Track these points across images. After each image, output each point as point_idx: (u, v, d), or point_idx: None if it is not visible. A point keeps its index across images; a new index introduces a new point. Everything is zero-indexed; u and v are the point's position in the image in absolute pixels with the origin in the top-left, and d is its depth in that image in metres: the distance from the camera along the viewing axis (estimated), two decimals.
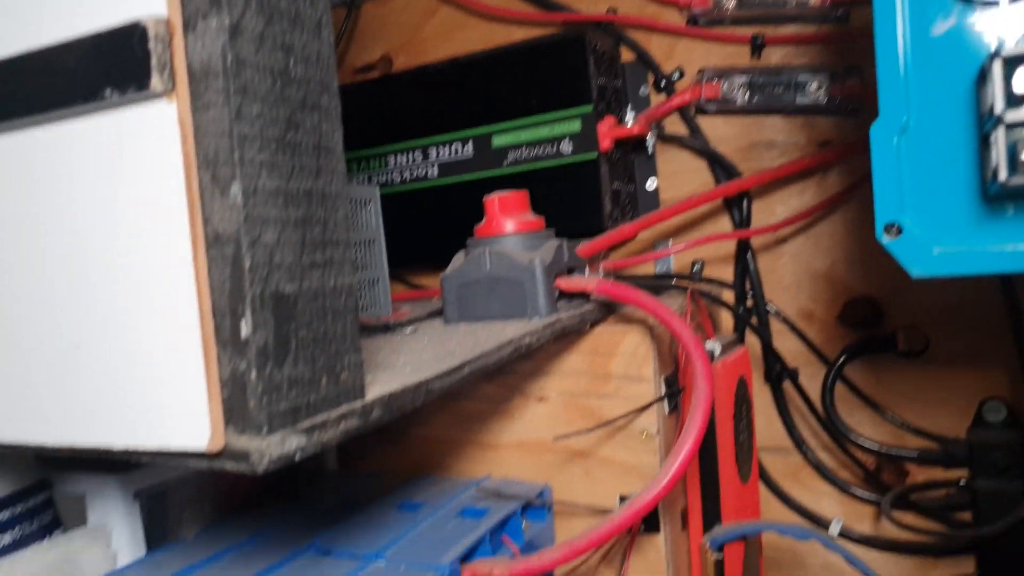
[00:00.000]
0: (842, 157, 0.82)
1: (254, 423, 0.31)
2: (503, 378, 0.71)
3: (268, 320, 0.31)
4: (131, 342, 0.32)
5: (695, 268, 0.89)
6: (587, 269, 0.67)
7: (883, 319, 0.83)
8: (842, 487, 0.85)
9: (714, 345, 0.70)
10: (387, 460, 0.78)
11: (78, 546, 0.55)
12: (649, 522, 0.66)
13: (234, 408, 0.31)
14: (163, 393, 0.31)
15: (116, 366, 0.33)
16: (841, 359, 0.84)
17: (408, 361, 0.46)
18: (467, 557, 0.56)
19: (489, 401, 0.72)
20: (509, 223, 0.62)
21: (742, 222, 0.86)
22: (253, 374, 0.31)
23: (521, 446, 0.71)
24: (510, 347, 0.50)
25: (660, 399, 0.65)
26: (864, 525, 0.85)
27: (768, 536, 0.87)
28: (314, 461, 0.76)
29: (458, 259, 0.63)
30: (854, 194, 0.82)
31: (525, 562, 0.52)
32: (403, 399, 0.38)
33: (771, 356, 0.86)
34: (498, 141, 0.84)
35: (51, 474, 0.59)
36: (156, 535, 0.60)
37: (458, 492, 0.65)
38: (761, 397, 0.88)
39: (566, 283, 0.61)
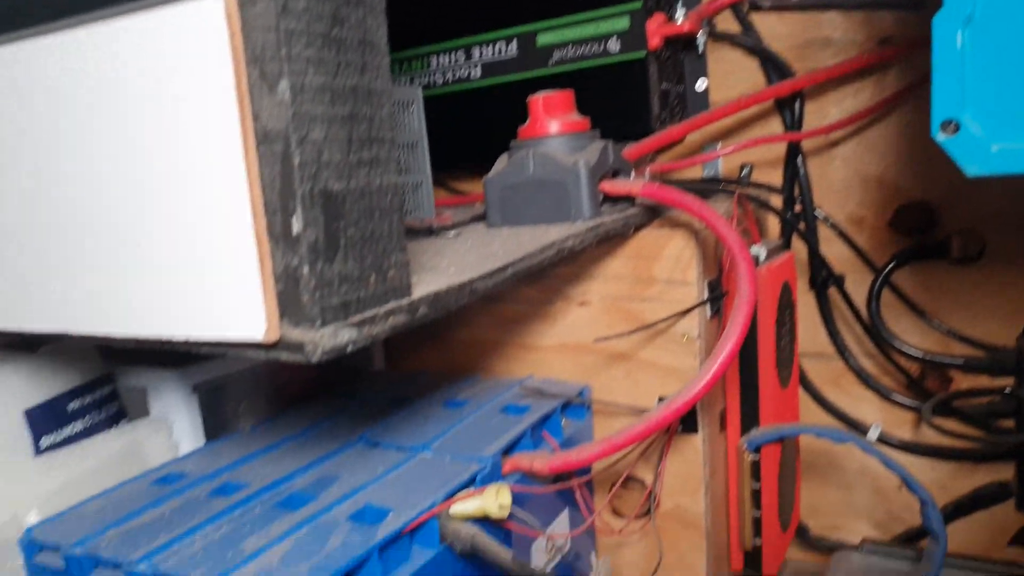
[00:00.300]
0: (902, 55, 0.79)
1: (307, 316, 0.32)
2: (545, 281, 0.71)
3: (318, 217, 0.32)
4: (189, 238, 0.33)
5: (743, 172, 0.87)
6: (633, 172, 0.66)
7: (937, 224, 0.82)
8: (883, 393, 0.85)
9: (759, 250, 0.70)
10: (432, 361, 0.80)
11: (142, 435, 0.58)
12: (687, 422, 0.67)
13: (288, 302, 0.32)
14: (221, 286, 0.33)
15: (176, 261, 0.34)
16: (890, 265, 0.83)
17: (452, 263, 0.47)
18: (509, 450, 0.58)
19: (531, 304, 0.73)
20: (553, 124, 0.61)
21: (794, 124, 0.84)
22: (305, 269, 0.32)
23: (563, 348, 0.72)
24: (552, 250, 0.50)
25: (703, 303, 0.66)
26: (903, 431, 0.86)
27: (806, 441, 0.89)
28: (363, 360, 0.78)
29: (501, 161, 0.62)
30: (913, 94, 0.79)
31: (564, 456, 0.54)
32: (448, 298, 0.39)
33: (817, 262, 0.85)
34: (543, 39, 0.82)
35: (115, 368, 0.62)
36: (215, 427, 0.63)
37: (501, 391, 0.67)
38: (805, 303, 0.88)
39: (611, 186, 0.60)
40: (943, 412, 0.80)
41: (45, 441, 0.54)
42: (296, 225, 0.32)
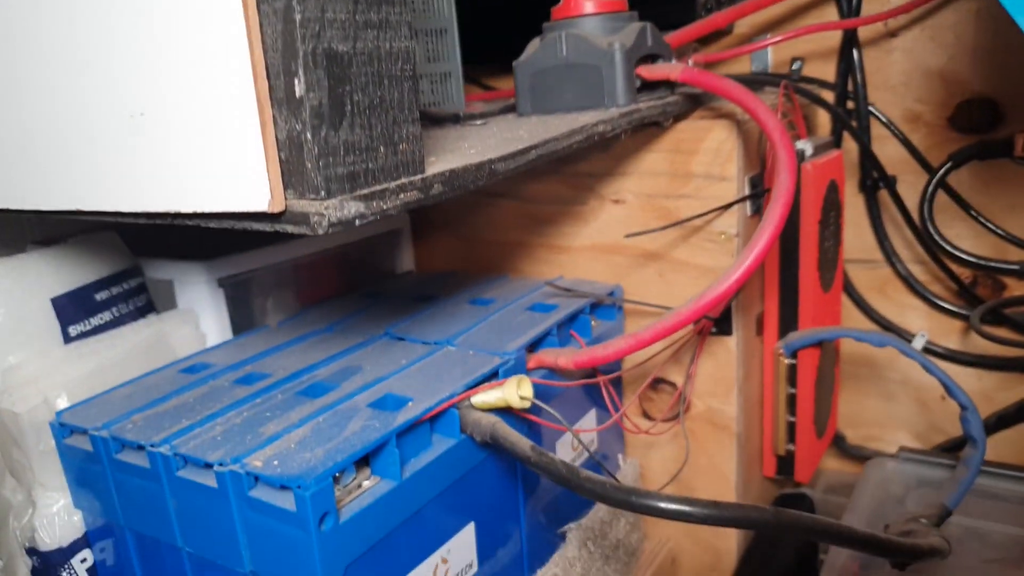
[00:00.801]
0: None
1: (312, 185, 0.31)
2: (578, 179, 0.69)
3: (321, 79, 0.30)
4: (191, 105, 0.32)
5: (794, 67, 0.83)
6: (673, 58, 0.62)
7: (1001, 122, 0.77)
8: (931, 301, 0.82)
9: (805, 144, 0.66)
10: (461, 264, 0.78)
11: (169, 327, 0.59)
12: (721, 324, 0.65)
13: (292, 170, 0.31)
14: (225, 155, 0.31)
15: (180, 131, 0.32)
16: (946, 165, 0.78)
17: (473, 146, 0.45)
18: (534, 347, 0.56)
19: (563, 203, 0.70)
20: (588, 3, 0.58)
21: (850, 11, 0.78)
22: (309, 135, 0.30)
23: (594, 249, 0.70)
24: (582, 134, 0.48)
25: (743, 199, 0.63)
26: (950, 340, 0.83)
27: (847, 349, 0.86)
28: (391, 261, 0.78)
29: (533, 45, 0.59)
30: None
31: (590, 351, 0.53)
32: (464, 177, 0.37)
33: (868, 162, 0.81)
34: None
35: (142, 261, 0.62)
36: (241, 323, 0.63)
37: (529, 290, 0.66)
38: (853, 207, 0.84)
39: (648, 71, 0.57)
40: (993, 320, 0.77)
41: (74, 330, 0.55)
42: (299, 88, 0.30)
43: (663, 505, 0.40)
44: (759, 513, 0.40)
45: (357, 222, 0.32)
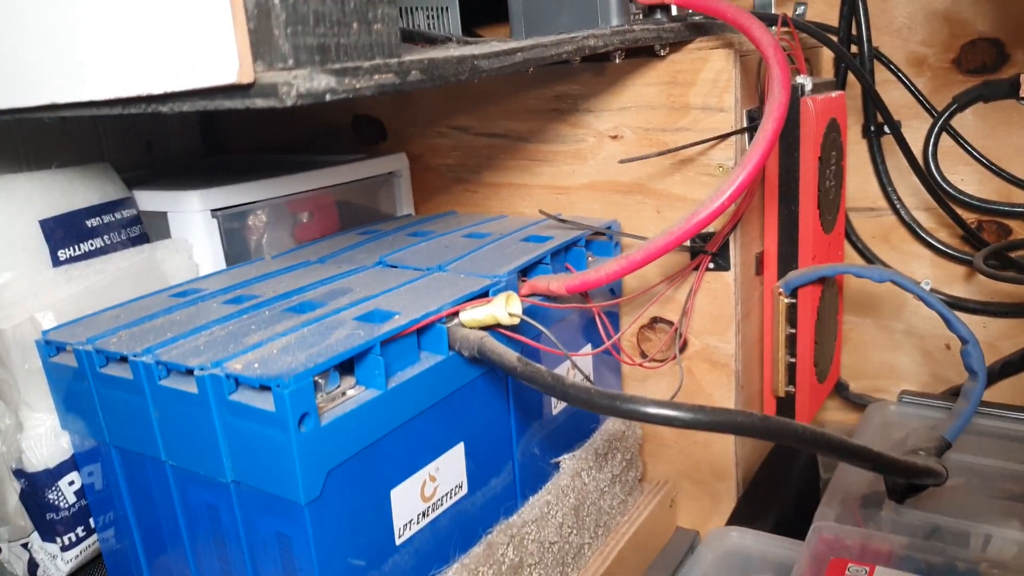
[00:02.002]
0: None
1: (280, 54, 0.30)
2: (576, 116, 0.68)
3: None
4: None
5: (798, 11, 0.81)
6: None
7: (1007, 62, 0.75)
8: (936, 247, 0.81)
9: (804, 79, 0.65)
10: (461, 208, 0.78)
11: (161, 255, 0.58)
12: (719, 260, 0.64)
13: (261, 40, 0.30)
14: (192, 28, 0.31)
15: (148, 5, 0.32)
16: (951, 108, 0.77)
17: (460, 52, 0.44)
18: (527, 274, 0.56)
19: (562, 142, 0.69)
20: None
21: None
22: (277, 0, 0.29)
23: (593, 187, 0.69)
24: (570, 44, 0.47)
25: (740, 131, 0.62)
26: (955, 288, 0.82)
27: (850, 299, 0.85)
28: (388, 204, 0.77)
29: None
30: None
31: (582, 275, 0.52)
32: (445, 67, 0.37)
33: (873, 103, 0.79)
34: None
35: (136, 193, 0.62)
36: (236, 257, 0.63)
37: (526, 225, 0.65)
38: (856, 154, 0.83)
39: None
40: (998, 264, 0.75)
41: (63, 254, 0.54)
42: None
43: (649, 410, 0.39)
44: (745, 418, 0.39)
45: (327, 96, 0.31)
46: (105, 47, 0.34)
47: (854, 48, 0.80)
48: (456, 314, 0.48)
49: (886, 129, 0.80)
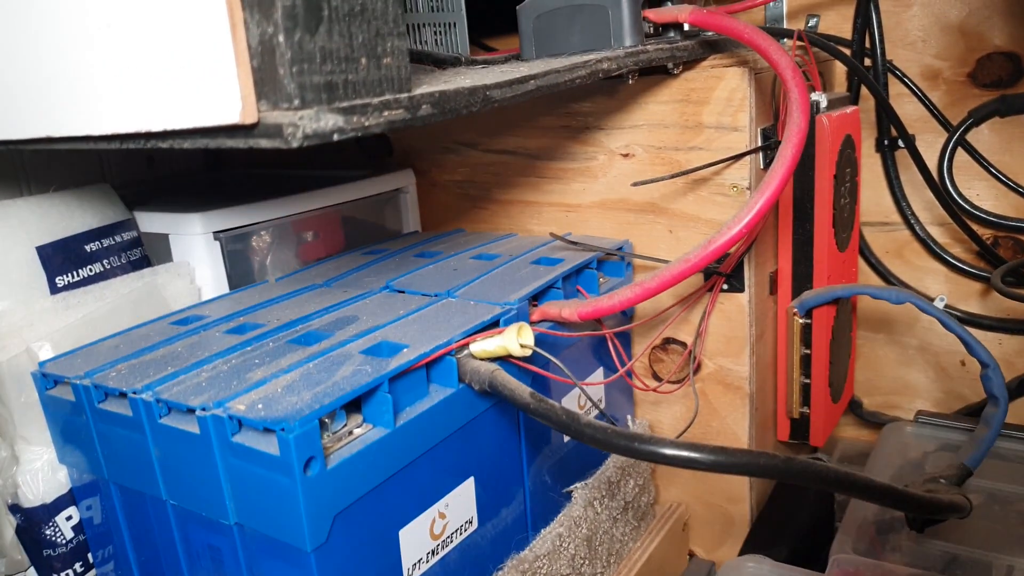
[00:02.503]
0: None
1: (285, 93, 0.29)
2: (587, 134, 0.66)
3: None
4: (158, 10, 0.30)
5: (810, 23, 0.80)
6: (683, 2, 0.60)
7: (1023, 77, 0.74)
8: (950, 263, 0.79)
9: (819, 96, 0.63)
10: (468, 225, 0.76)
11: (163, 279, 0.57)
12: (733, 280, 0.63)
13: (265, 79, 0.29)
14: (194, 65, 0.29)
15: (147, 40, 0.30)
16: (967, 122, 0.75)
17: (471, 79, 0.42)
18: (538, 299, 0.54)
19: (572, 159, 0.68)
20: None
21: None
22: (281, 38, 0.28)
23: (604, 205, 0.68)
24: (585, 69, 0.46)
25: (755, 150, 0.60)
26: (970, 304, 0.80)
27: (863, 315, 0.84)
28: (395, 222, 0.76)
29: None
30: None
31: (595, 302, 0.51)
32: (456, 100, 0.35)
33: (887, 116, 0.78)
34: None
35: (137, 214, 0.60)
36: (239, 280, 0.61)
37: (536, 245, 0.64)
38: (870, 168, 0.82)
39: (656, 13, 0.55)
40: (1015, 282, 0.74)
41: (61, 280, 0.53)
42: None
43: (667, 451, 0.38)
44: (768, 460, 0.38)
45: (335, 136, 0.29)
46: (103, 82, 0.32)
47: (867, 61, 0.78)
48: (466, 345, 0.46)
49: (900, 143, 0.79)
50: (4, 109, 0.37)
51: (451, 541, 0.46)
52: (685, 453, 0.38)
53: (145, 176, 0.81)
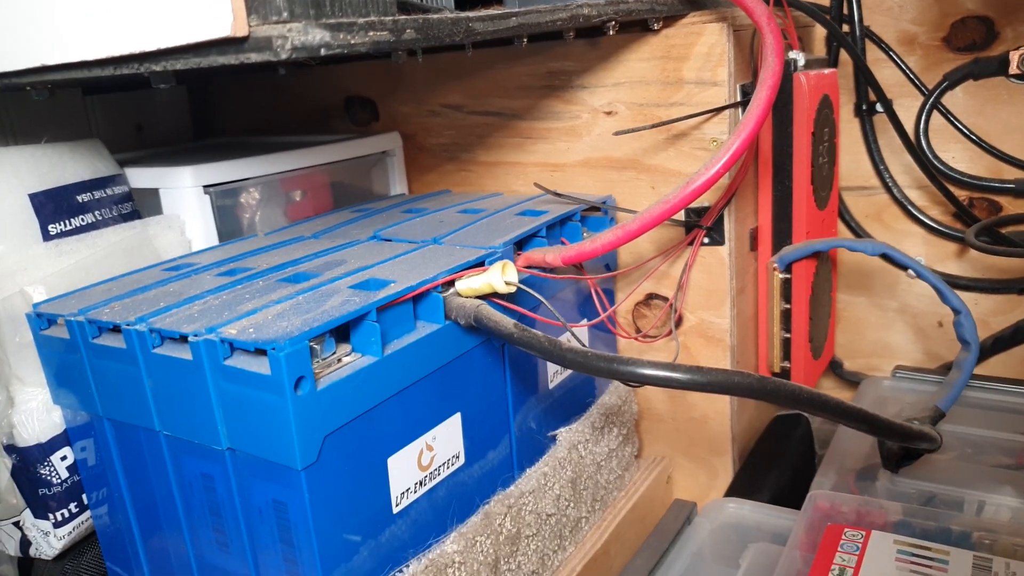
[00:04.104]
0: None
1: (275, 7, 0.30)
2: (570, 92, 0.68)
3: None
4: None
5: None
6: None
7: (996, 40, 0.75)
8: (928, 225, 0.81)
9: (797, 55, 0.65)
10: (455, 187, 0.77)
11: (154, 231, 0.58)
12: (713, 234, 0.64)
13: None
14: None
15: None
16: (942, 86, 0.77)
17: (457, 14, 0.43)
18: (522, 246, 0.56)
19: (556, 119, 0.69)
20: None
21: None
22: None
23: (588, 164, 0.69)
24: (564, 12, 0.47)
25: (735, 104, 0.62)
26: (947, 265, 0.82)
27: (843, 278, 0.86)
28: (381, 184, 0.77)
29: None
30: None
31: (578, 246, 0.52)
32: (440, 27, 0.36)
33: (864, 84, 0.80)
34: None
35: (128, 170, 0.61)
36: (229, 235, 0.62)
37: (521, 200, 0.65)
38: (848, 133, 0.83)
39: None
40: (990, 240, 0.76)
41: (53, 228, 0.54)
42: None
43: (646, 371, 0.39)
44: (742, 378, 0.39)
45: (322, 51, 0.31)
46: (94, 5, 0.33)
47: (845, 27, 0.80)
48: (452, 283, 0.48)
49: (878, 108, 0.80)
50: None
51: (438, 474, 0.48)
52: (663, 372, 0.39)
53: (134, 143, 0.82)
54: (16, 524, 0.54)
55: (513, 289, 0.47)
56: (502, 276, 0.46)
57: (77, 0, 0.34)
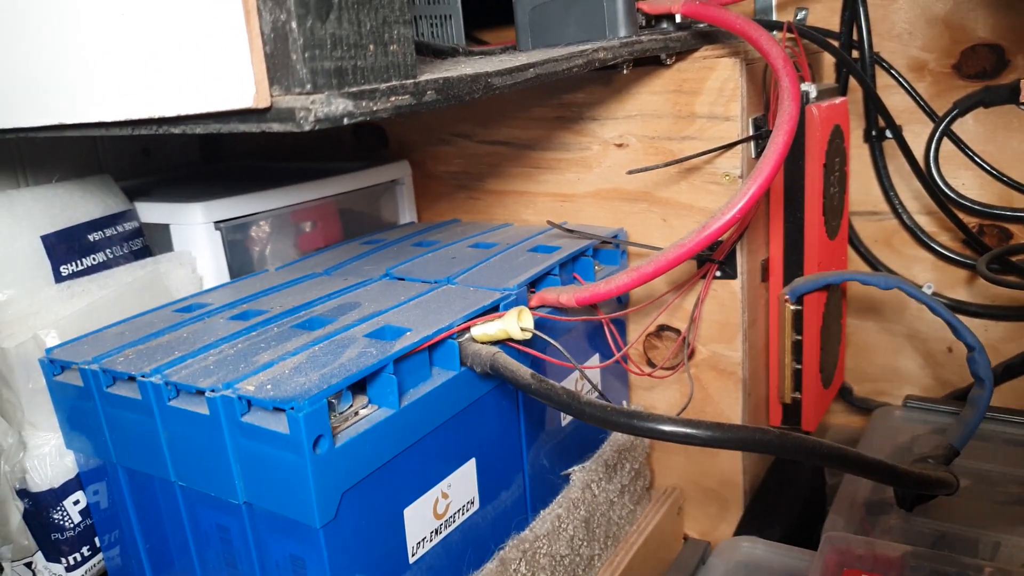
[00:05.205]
0: None
1: (298, 79, 0.30)
2: (581, 124, 0.67)
3: None
4: (173, 2, 0.31)
5: (799, 16, 0.81)
6: None
7: (1006, 68, 0.75)
8: (937, 251, 0.81)
9: (809, 87, 0.65)
10: (464, 216, 0.77)
11: (165, 268, 0.58)
12: (726, 267, 0.64)
13: (277, 65, 0.30)
14: (207, 51, 0.30)
15: (162, 27, 0.31)
16: (952, 113, 0.77)
17: (471, 68, 0.43)
18: (536, 286, 0.55)
19: (567, 150, 0.69)
20: None
21: None
22: (294, 24, 0.29)
23: (598, 195, 0.69)
24: (582, 58, 0.47)
25: (748, 139, 0.62)
26: (957, 292, 0.82)
27: (852, 305, 0.85)
28: (391, 212, 0.76)
29: None
30: None
31: (592, 287, 0.52)
32: (460, 86, 0.36)
33: (874, 107, 0.79)
34: None
35: (138, 205, 0.61)
36: (240, 269, 0.62)
37: (532, 234, 0.65)
38: (858, 159, 0.83)
39: (649, 5, 0.56)
40: (1000, 268, 0.75)
41: (65, 269, 0.54)
42: None
43: (666, 427, 0.39)
44: (763, 435, 0.39)
45: (345, 120, 0.30)
46: (116, 68, 0.33)
47: (855, 54, 0.80)
48: (467, 329, 0.47)
49: (888, 134, 0.80)
50: (15, 96, 0.38)
51: (454, 521, 0.48)
52: (683, 429, 0.39)
53: (142, 168, 0.82)
54: (28, 566, 0.54)
55: (529, 336, 0.46)
56: (518, 323, 0.46)
57: (99, 61, 0.34)
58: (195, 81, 0.31)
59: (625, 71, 0.57)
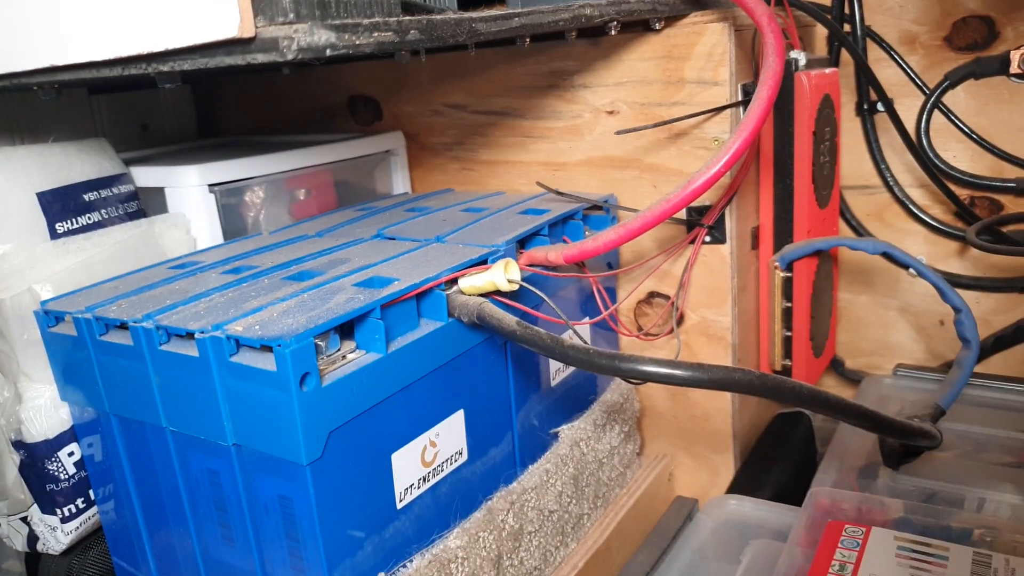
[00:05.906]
0: None
1: (281, 8, 0.30)
2: (572, 92, 0.68)
3: None
4: None
5: None
6: None
7: (997, 39, 0.76)
8: (929, 224, 0.82)
9: (799, 54, 0.65)
10: (457, 184, 0.78)
11: (159, 229, 0.58)
12: (715, 233, 0.64)
13: None
14: None
15: None
16: (943, 85, 0.77)
17: (460, 15, 0.44)
18: (525, 244, 0.56)
19: (558, 118, 0.70)
20: None
21: None
22: None
23: (590, 163, 0.69)
24: (567, 12, 0.47)
25: (736, 104, 0.62)
26: (948, 264, 0.82)
27: (844, 278, 0.86)
28: (384, 183, 0.77)
29: None
30: None
31: (580, 244, 0.52)
32: (443, 28, 0.37)
33: (865, 84, 0.80)
34: None
35: (133, 169, 0.62)
36: (233, 233, 0.63)
37: (524, 199, 0.65)
38: (850, 132, 0.84)
39: None
40: (991, 239, 0.76)
41: (60, 227, 0.54)
42: None
43: (648, 368, 0.40)
44: (743, 375, 0.40)
45: (327, 51, 0.31)
46: (102, 6, 0.34)
47: (847, 27, 0.80)
48: (455, 281, 0.48)
49: (879, 107, 0.81)
50: (5, 41, 0.39)
51: (442, 470, 0.48)
52: (664, 369, 0.39)
53: (139, 142, 0.83)
54: (24, 519, 0.54)
55: (516, 287, 0.47)
56: (505, 274, 0.47)
57: (85, 2, 0.35)
58: (182, 13, 0.31)
59: (613, 32, 0.58)
